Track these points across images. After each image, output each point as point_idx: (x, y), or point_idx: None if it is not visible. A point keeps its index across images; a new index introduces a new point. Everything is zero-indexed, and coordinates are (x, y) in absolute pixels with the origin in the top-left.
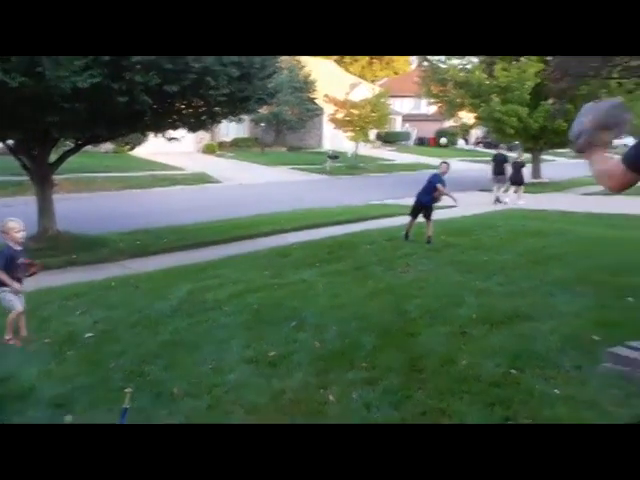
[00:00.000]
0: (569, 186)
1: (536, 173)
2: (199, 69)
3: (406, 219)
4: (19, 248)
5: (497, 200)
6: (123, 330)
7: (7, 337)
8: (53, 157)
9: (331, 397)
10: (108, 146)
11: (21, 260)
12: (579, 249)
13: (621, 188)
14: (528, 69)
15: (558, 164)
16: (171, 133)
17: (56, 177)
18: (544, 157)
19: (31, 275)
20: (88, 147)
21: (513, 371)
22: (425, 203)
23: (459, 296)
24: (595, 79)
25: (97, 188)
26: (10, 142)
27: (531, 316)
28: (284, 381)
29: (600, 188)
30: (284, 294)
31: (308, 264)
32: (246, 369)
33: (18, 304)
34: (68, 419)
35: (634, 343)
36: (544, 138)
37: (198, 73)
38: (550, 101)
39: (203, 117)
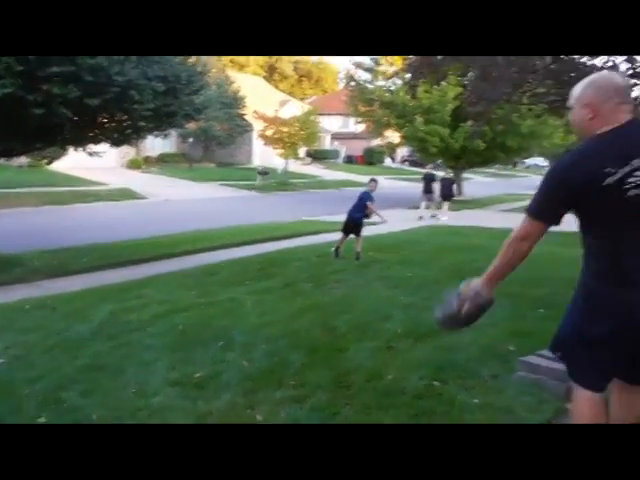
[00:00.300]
0: (489, 203)
1: (458, 190)
2: (122, 82)
3: (336, 235)
4: None
5: (423, 217)
6: (38, 355)
7: None
8: None
9: (259, 417)
10: (22, 160)
11: None
12: None
13: (534, 243)
14: (448, 92)
15: (477, 182)
16: (93, 147)
17: None
18: (465, 175)
19: None
20: (0, 160)
21: (436, 383)
22: (356, 220)
23: (386, 311)
24: (507, 104)
25: (13, 204)
26: None
27: None
28: (211, 403)
29: (518, 205)
30: (212, 313)
31: (237, 282)
32: (171, 392)
33: None
34: None
35: (545, 352)
36: (464, 157)
37: (121, 86)
38: (469, 123)
39: (127, 131)
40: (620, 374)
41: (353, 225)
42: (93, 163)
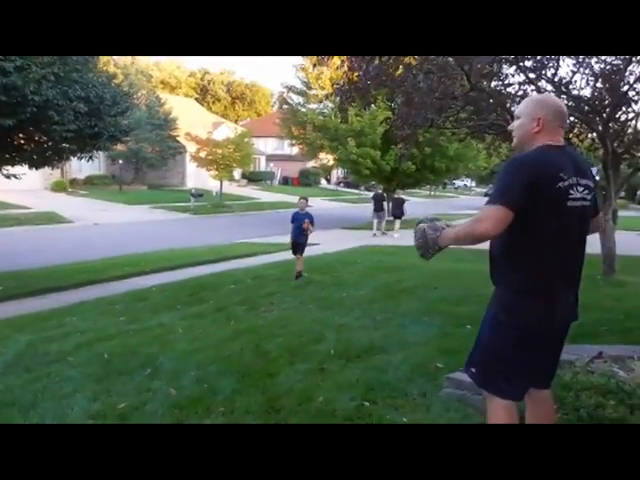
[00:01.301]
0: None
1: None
2: (39, 102)
3: (272, 257)
4: None
5: (376, 234)
6: None
7: None
8: None
9: None
10: None
11: None
12: (428, 282)
13: (499, 228)
14: (378, 115)
15: (412, 203)
16: (9, 169)
17: None
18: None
19: None
20: None
21: (366, 403)
22: (298, 241)
23: (319, 332)
24: (432, 128)
25: None
26: None
27: (384, 348)
28: None
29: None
30: (139, 340)
31: (167, 307)
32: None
33: None
34: None
35: None
36: (396, 179)
37: (38, 107)
38: (399, 145)
39: (47, 153)
40: (538, 381)
41: (298, 246)
42: (13, 185)
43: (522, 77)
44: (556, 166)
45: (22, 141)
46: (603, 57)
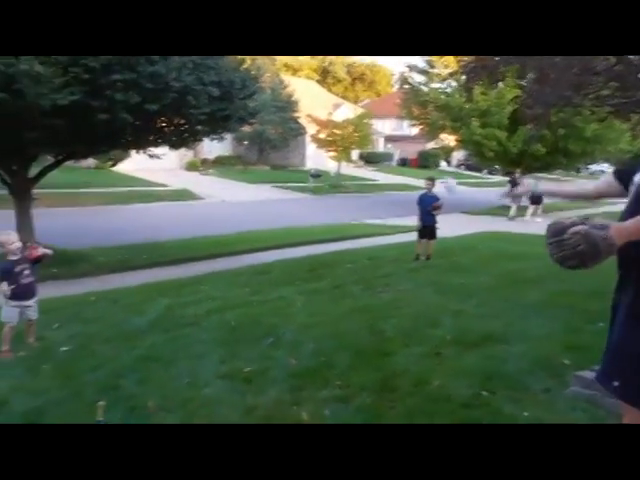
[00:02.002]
0: (551, 209)
1: (518, 197)
2: (179, 88)
3: (387, 239)
4: (16, 257)
5: (513, 218)
6: (99, 344)
7: (3, 349)
8: (34, 171)
9: (304, 414)
10: (90, 161)
11: (20, 267)
12: (555, 273)
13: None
14: (506, 94)
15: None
16: (153, 150)
17: (37, 191)
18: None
19: (39, 261)
20: (70, 162)
21: (484, 392)
22: (426, 224)
23: (435, 317)
24: (568, 107)
25: (79, 203)
26: None
27: (504, 338)
28: (258, 397)
29: (583, 212)
30: (262, 311)
31: (287, 282)
32: (221, 385)
33: (13, 318)
34: None
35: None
36: (523, 162)
37: (178, 92)
38: (528, 126)
39: (184, 135)
40: None
41: (425, 229)
42: (154, 165)
43: None
44: None
45: (163, 124)
46: None
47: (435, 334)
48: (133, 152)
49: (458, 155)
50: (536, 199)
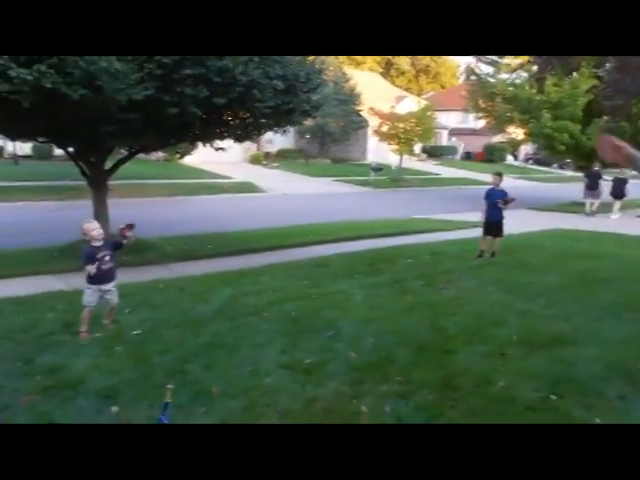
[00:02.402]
0: (624, 207)
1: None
2: (246, 82)
3: (449, 235)
4: (99, 243)
5: (589, 215)
6: (167, 329)
7: (82, 329)
8: (109, 164)
9: (364, 408)
10: (159, 154)
11: (102, 253)
12: (630, 274)
13: None
14: (581, 85)
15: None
16: (218, 143)
17: (110, 183)
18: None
19: (119, 247)
20: (140, 155)
21: (552, 396)
22: (493, 219)
23: (500, 316)
24: None
25: (148, 194)
26: (70, 149)
27: (574, 341)
28: (318, 389)
29: None
30: (322, 304)
31: (346, 275)
32: (282, 374)
33: (93, 302)
34: (114, 410)
35: None
36: (597, 156)
37: (245, 86)
38: (604, 118)
39: (249, 128)
40: None
41: (491, 225)
42: (219, 158)
43: None
44: None
45: (229, 117)
46: None
47: (500, 333)
48: (200, 145)
49: (526, 149)
50: (619, 193)
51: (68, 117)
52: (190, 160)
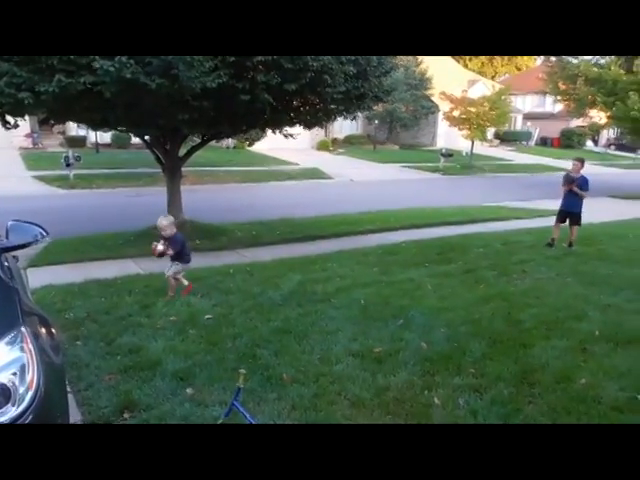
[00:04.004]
0: None
1: None
2: (317, 67)
3: (522, 223)
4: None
5: None
6: (238, 314)
7: (171, 294)
8: (182, 151)
9: (436, 400)
10: (229, 141)
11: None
12: None
13: None
14: None
15: None
16: (288, 130)
17: (183, 170)
18: None
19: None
20: (212, 142)
21: (639, 397)
22: (569, 209)
23: (580, 309)
24: None
25: (219, 181)
26: (147, 138)
27: None
28: (389, 378)
29: None
30: (391, 292)
31: (416, 263)
32: (352, 362)
33: (181, 270)
34: (189, 392)
35: None
36: None
37: (316, 71)
38: None
39: (319, 114)
40: None
41: (566, 215)
42: (287, 144)
43: None
44: None
45: (300, 104)
46: None
47: (580, 328)
48: (268, 132)
49: (608, 134)
50: None
51: (146, 106)
52: (259, 147)
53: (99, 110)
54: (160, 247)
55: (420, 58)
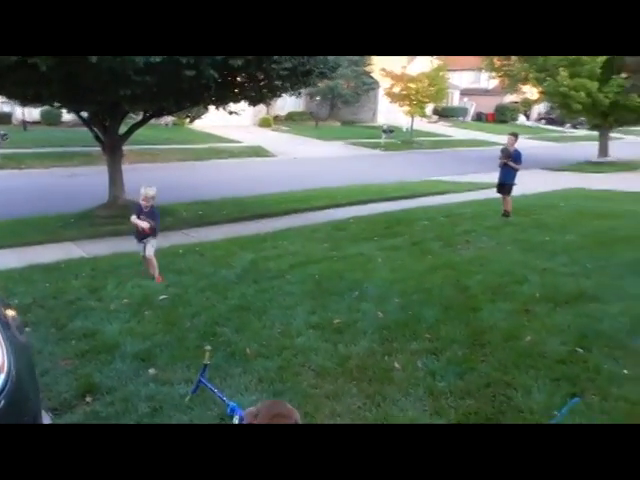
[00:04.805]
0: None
1: (603, 152)
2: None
3: (461, 196)
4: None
5: None
6: (194, 294)
7: (156, 274)
8: (123, 129)
9: (396, 364)
10: (168, 119)
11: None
12: None
13: None
14: None
15: (627, 142)
16: (232, 106)
17: (124, 148)
18: (614, 135)
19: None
20: (151, 119)
21: (579, 350)
22: (505, 181)
23: (521, 274)
24: None
25: (159, 159)
26: (84, 114)
27: (597, 297)
28: (350, 347)
29: None
30: (344, 266)
31: (365, 238)
32: (312, 334)
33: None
34: (152, 372)
35: None
36: (614, 114)
37: None
38: (623, 75)
39: (264, 90)
40: None
41: (503, 187)
42: (229, 121)
43: None
44: None
45: (245, 80)
46: None
47: (522, 291)
48: (210, 109)
49: (539, 109)
50: None
51: (85, 81)
52: (199, 124)
53: (32, 85)
54: (147, 223)
55: None
